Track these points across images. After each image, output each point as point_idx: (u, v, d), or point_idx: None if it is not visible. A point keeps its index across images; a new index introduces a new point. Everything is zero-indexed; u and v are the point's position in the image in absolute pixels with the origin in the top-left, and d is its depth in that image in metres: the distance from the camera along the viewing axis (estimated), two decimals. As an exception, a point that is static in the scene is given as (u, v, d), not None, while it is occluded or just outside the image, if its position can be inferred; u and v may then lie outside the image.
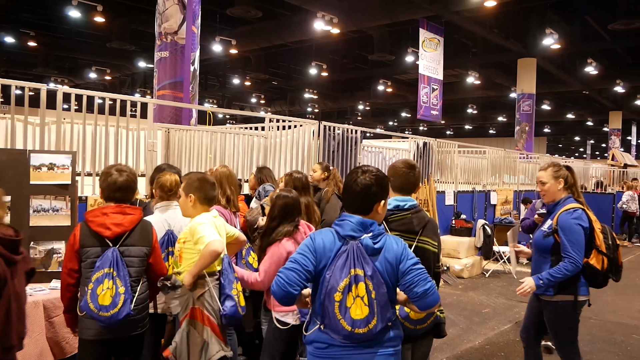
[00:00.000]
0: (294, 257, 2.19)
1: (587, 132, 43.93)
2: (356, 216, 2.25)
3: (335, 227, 2.27)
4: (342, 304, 2.11)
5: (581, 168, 15.59)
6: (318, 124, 6.21)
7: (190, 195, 3.11)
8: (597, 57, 20.68)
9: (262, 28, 18.14)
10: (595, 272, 3.31)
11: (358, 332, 2.10)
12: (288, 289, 2.11)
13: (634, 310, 6.83)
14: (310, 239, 2.25)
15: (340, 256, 2.16)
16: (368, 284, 2.12)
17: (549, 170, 3.51)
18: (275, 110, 33.08)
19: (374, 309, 2.12)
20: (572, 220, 3.29)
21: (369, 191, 2.27)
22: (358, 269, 2.13)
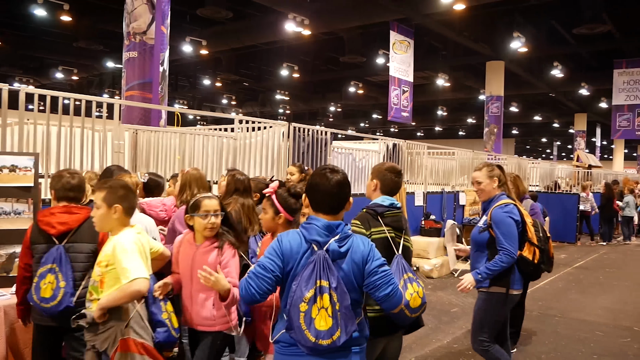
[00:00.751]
0: (263, 263, 2.18)
1: (553, 133, 44.95)
2: (322, 219, 2.25)
3: (301, 230, 2.26)
4: (307, 315, 2.11)
5: (547, 169, 15.93)
6: (288, 125, 6.19)
7: (116, 205, 2.80)
8: (562, 61, 21.19)
9: (233, 29, 18.04)
10: (528, 263, 3.48)
11: (322, 343, 2.10)
12: (256, 297, 2.16)
13: (597, 307, 7.00)
14: (277, 242, 2.23)
15: (307, 267, 2.15)
16: (332, 295, 2.12)
17: (483, 170, 3.67)
18: (247, 112, 32.91)
19: (338, 321, 2.12)
20: (503, 214, 3.46)
21: (343, 190, 2.31)
22: (323, 280, 2.12)
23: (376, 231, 2.80)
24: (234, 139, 5.89)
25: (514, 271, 3.48)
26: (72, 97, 5.07)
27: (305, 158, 6.46)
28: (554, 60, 20.47)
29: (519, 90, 24.86)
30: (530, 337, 5.63)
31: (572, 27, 16.07)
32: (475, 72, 23.40)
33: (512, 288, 3.50)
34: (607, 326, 6.13)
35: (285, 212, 3.06)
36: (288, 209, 3.07)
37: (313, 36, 17.86)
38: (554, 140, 48.29)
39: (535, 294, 7.70)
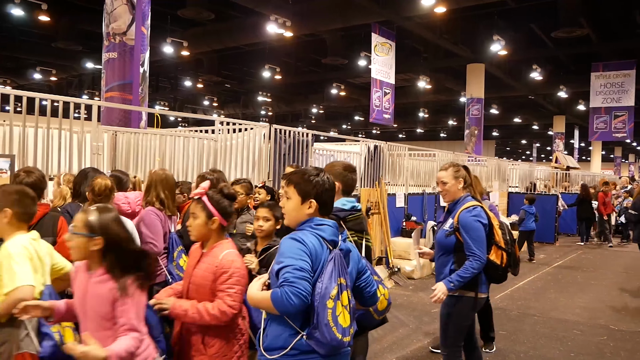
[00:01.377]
0: (299, 265, 2.03)
1: (533, 135, 45.52)
2: (329, 219, 2.25)
3: (315, 232, 2.17)
4: (334, 312, 2.05)
5: (527, 170, 16.14)
6: (269, 127, 6.19)
7: (6, 209, 2.60)
8: (541, 64, 21.50)
9: (214, 30, 17.96)
10: (495, 267, 3.38)
11: (345, 340, 2.07)
12: (308, 300, 2.02)
13: (574, 307, 7.11)
14: (300, 243, 2.11)
15: (328, 263, 2.11)
16: (349, 293, 2.14)
17: (449, 170, 3.56)
18: (229, 113, 32.78)
19: (352, 319, 2.14)
20: (471, 217, 3.35)
21: (333, 193, 2.33)
22: (342, 277, 2.11)
23: None
24: (214, 140, 5.87)
25: (481, 275, 3.41)
26: (49, 98, 5.00)
27: (287, 160, 6.45)
28: (533, 63, 20.76)
29: (499, 92, 25.15)
30: (510, 336, 5.70)
31: (550, 31, 16.30)
32: (456, 75, 23.61)
33: (480, 292, 3.43)
34: (585, 325, 6.22)
35: (219, 215, 2.70)
36: (223, 212, 2.73)
37: (295, 38, 17.87)
38: (533, 142, 48.91)
39: (515, 293, 7.80)
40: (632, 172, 44.93)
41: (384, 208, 8.24)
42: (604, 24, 18.49)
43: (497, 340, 5.52)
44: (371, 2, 13.73)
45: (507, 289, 8.02)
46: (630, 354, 5.23)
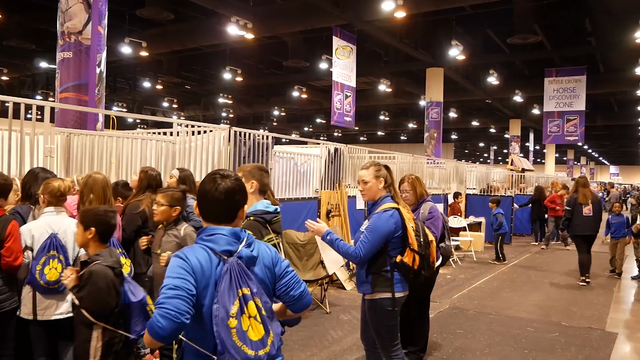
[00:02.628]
0: (173, 283, 1.85)
1: (490, 138, 46.65)
2: (225, 227, 2.04)
3: (205, 244, 1.99)
4: (239, 330, 1.90)
5: (484, 172, 16.53)
6: (229, 129, 6.15)
7: None
8: (498, 69, 22.08)
9: (174, 30, 17.71)
10: (408, 269, 3.36)
11: (260, 354, 1.92)
12: (181, 320, 1.79)
13: (528, 305, 7.32)
14: (182, 259, 1.92)
15: (222, 278, 1.93)
16: (257, 301, 1.96)
17: (370, 169, 3.52)
18: (189, 115, 32.37)
19: (268, 327, 1.98)
20: (381, 219, 3.34)
21: (233, 197, 2.06)
22: (244, 287, 1.94)
23: (268, 239, 2.67)
24: (172, 143, 5.79)
25: (394, 275, 3.39)
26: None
27: (247, 162, 6.42)
28: (490, 68, 21.31)
29: (458, 96, 25.67)
30: (467, 334, 5.82)
31: (506, 37, 16.76)
32: (415, 78, 23.98)
33: (396, 291, 3.39)
34: (538, 322, 6.42)
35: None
36: None
37: (256, 40, 17.81)
38: (490, 144, 50.12)
39: (472, 293, 7.98)
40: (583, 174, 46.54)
41: (344, 210, 8.29)
42: (557, 31, 19.14)
43: (454, 338, 5.65)
44: (332, 6, 13.81)
45: (465, 289, 8.20)
46: (580, 348, 5.43)
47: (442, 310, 6.85)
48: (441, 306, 7.06)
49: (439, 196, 12.25)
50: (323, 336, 5.61)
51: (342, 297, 7.35)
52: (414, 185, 4.57)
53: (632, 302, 7.83)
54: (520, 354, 5.23)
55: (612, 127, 38.46)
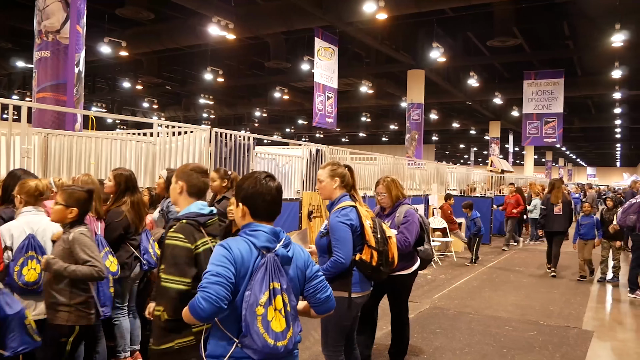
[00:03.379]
0: (215, 270, 2.04)
1: (470, 140, 47.13)
2: (267, 225, 2.24)
3: (248, 238, 2.19)
4: (264, 318, 2.07)
5: (464, 174, 16.69)
6: (209, 130, 6.12)
7: None
8: (478, 71, 22.33)
9: (154, 30, 17.58)
10: (366, 266, 3.37)
11: (279, 345, 2.08)
12: (220, 305, 2.00)
13: (507, 304, 7.42)
14: (225, 249, 2.12)
15: (259, 269, 2.11)
16: (284, 297, 2.13)
17: (327, 168, 3.54)
18: (170, 116, 32.14)
19: (289, 322, 2.14)
20: (337, 219, 3.34)
21: (281, 196, 2.31)
22: (275, 282, 2.12)
23: (201, 243, 2.63)
24: (152, 144, 5.74)
25: (354, 274, 3.39)
26: (-26, 99, 4.75)
27: (228, 163, 6.39)
28: (470, 70, 21.54)
29: (438, 98, 25.91)
30: (447, 334, 5.88)
31: (486, 40, 16.98)
32: (397, 80, 24.13)
33: (354, 291, 3.40)
34: (516, 321, 6.51)
35: None
36: None
37: (238, 40, 17.76)
38: (471, 146, 50.66)
39: (452, 293, 8.05)
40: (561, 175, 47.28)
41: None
42: (535, 35, 19.43)
43: (434, 338, 5.70)
44: (314, 7, 13.84)
45: (445, 289, 8.27)
46: (557, 347, 5.52)
47: (423, 311, 6.90)
48: (422, 306, 7.12)
49: (420, 197, 12.34)
50: (305, 337, 5.61)
51: (324, 298, 7.36)
52: (389, 187, 4.50)
53: (608, 301, 7.98)
54: (499, 353, 5.30)
55: (589, 129, 39.16)
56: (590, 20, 17.69)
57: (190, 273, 2.52)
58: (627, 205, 8.11)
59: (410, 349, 5.28)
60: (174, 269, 2.51)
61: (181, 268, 2.51)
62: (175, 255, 2.53)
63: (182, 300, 2.43)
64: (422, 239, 4.52)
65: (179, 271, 2.50)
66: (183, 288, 2.49)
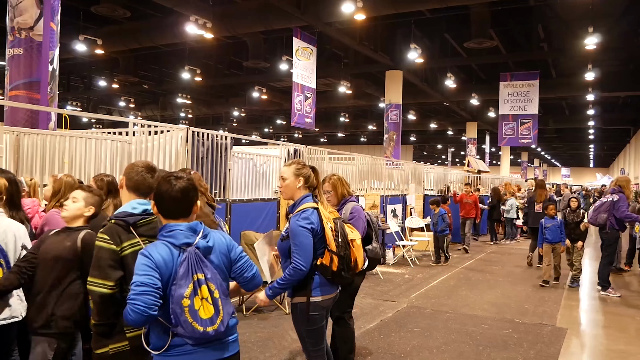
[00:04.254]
0: (140, 280, 2.16)
1: (447, 140, 47.59)
2: (182, 223, 2.35)
3: (166, 239, 2.29)
4: (191, 308, 2.22)
5: (441, 174, 16.84)
6: (186, 129, 6.06)
7: None
8: (455, 72, 22.57)
9: (131, 28, 17.37)
10: (327, 271, 3.30)
11: (208, 330, 2.25)
12: (149, 313, 2.14)
13: (484, 302, 7.50)
14: (146, 257, 2.22)
15: (181, 265, 2.24)
16: (210, 286, 2.28)
17: (291, 167, 3.44)
18: (146, 115, 31.79)
19: (219, 308, 2.30)
20: (298, 222, 3.24)
21: (188, 195, 2.38)
22: (199, 273, 2.26)
23: (129, 245, 2.54)
24: (128, 143, 5.66)
25: (314, 278, 3.31)
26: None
27: (205, 163, 6.35)
28: (447, 71, 21.76)
29: (416, 98, 26.10)
30: (424, 333, 5.92)
31: (463, 41, 17.17)
32: (375, 81, 24.25)
33: (312, 295, 3.31)
34: (492, 319, 6.58)
35: None
36: None
37: (216, 39, 17.65)
38: (448, 146, 51.14)
39: (430, 292, 8.11)
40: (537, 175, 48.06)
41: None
42: (511, 37, 19.72)
43: (411, 337, 5.73)
44: (292, 7, 13.83)
45: (422, 288, 8.33)
46: (532, 344, 5.60)
47: (400, 310, 6.94)
48: (399, 305, 7.16)
49: (398, 197, 12.42)
50: (282, 337, 5.60)
51: (302, 298, 7.36)
52: (335, 185, 4.39)
53: (581, 299, 8.12)
54: (475, 351, 5.36)
55: (564, 130, 39.89)
56: (564, 24, 18.03)
57: (114, 276, 2.47)
58: (599, 204, 8.31)
59: (387, 348, 5.31)
60: (97, 271, 2.47)
61: (104, 271, 2.46)
62: (99, 257, 2.48)
63: (106, 303, 2.48)
64: (369, 238, 4.40)
65: (101, 274, 2.46)
66: (106, 291, 2.45)
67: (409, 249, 10.98)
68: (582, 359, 5.53)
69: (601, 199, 8.46)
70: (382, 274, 9.27)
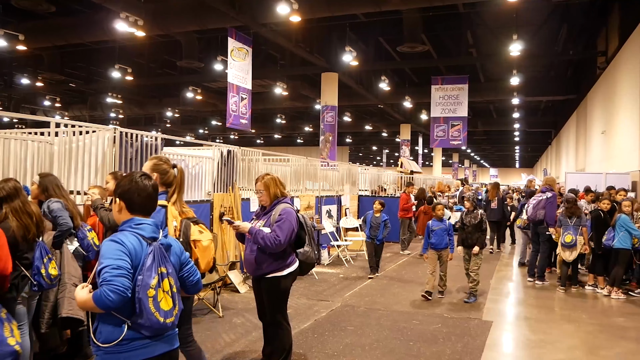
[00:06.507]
0: (116, 264, 2.23)
1: (382, 142, 48.55)
2: (148, 219, 2.50)
3: (135, 231, 2.41)
4: (155, 299, 2.33)
5: (375, 174, 17.18)
6: (114, 130, 5.87)
7: None
8: (389, 75, 23.07)
9: (57, 24, 16.61)
10: None
11: (168, 322, 2.38)
12: (127, 294, 2.22)
13: (415, 299, 7.71)
14: (118, 244, 2.31)
15: (147, 258, 2.36)
16: (170, 280, 2.43)
17: (151, 162, 3.52)
18: (74, 115, 30.50)
19: (176, 301, 2.46)
20: None
21: (156, 194, 2.59)
22: (162, 267, 2.40)
23: None
24: (50, 143, 5.41)
25: None
26: None
27: (134, 165, 6.17)
28: (382, 74, 22.21)
29: (352, 101, 26.47)
30: (357, 330, 6.02)
31: (396, 45, 17.58)
32: (311, 82, 24.40)
33: None
34: (423, 315, 6.79)
35: None
36: None
37: (148, 38, 17.19)
38: (383, 148, 52.15)
39: (363, 291, 8.25)
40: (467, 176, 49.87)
41: (238, 212, 8.24)
42: (442, 42, 20.40)
43: (345, 335, 5.82)
44: (227, 7, 13.68)
45: (356, 287, 8.46)
46: (459, 337, 5.82)
47: (334, 309, 7.02)
48: (333, 305, 7.24)
49: (333, 197, 12.55)
50: (215, 340, 5.53)
51: (236, 300, 7.29)
52: (267, 185, 4.34)
53: (507, 293, 8.52)
54: (406, 346, 5.50)
55: (491, 133, 41.69)
56: (490, 31, 18.86)
57: None
58: (536, 202, 9.04)
59: (320, 348, 5.36)
60: None
61: None
62: None
63: None
64: (302, 240, 4.38)
65: None
66: None
67: (343, 249, 11.13)
68: (505, 349, 5.80)
69: (536, 197, 9.13)
70: (317, 274, 9.34)
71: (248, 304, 6.99)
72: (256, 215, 4.48)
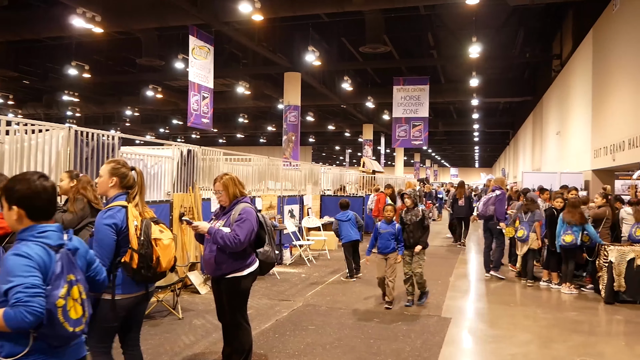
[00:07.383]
0: (29, 282, 2.10)
1: (345, 142, 48.80)
2: (52, 224, 2.33)
3: (40, 240, 2.25)
4: (64, 309, 2.20)
5: (337, 174, 17.26)
6: (68, 128, 5.71)
7: None
8: (352, 76, 23.21)
9: (9, 19, 16.04)
10: (127, 268, 3.34)
11: (77, 330, 2.27)
12: (43, 315, 2.12)
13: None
14: (26, 258, 2.16)
15: (55, 266, 2.23)
16: (79, 287, 2.32)
17: (109, 165, 3.52)
18: (28, 113, 29.54)
19: (85, 308, 2.34)
20: (102, 220, 3.31)
21: (55, 195, 2.41)
22: (71, 274, 2.28)
23: None
24: (1, 142, 5.22)
25: (117, 275, 3.33)
26: None
27: (90, 164, 6.01)
28: (344, 74, 22.34)
29: (315, 100, 26.53)
30: (318, 330, 6.03)
31: (358, 46, 17.70)
32: (274, 82, 24.31)
33: (117, 293, 3.32)
34: (384, 313, 6.86)
35: None
36: None
37: (106, 34, 16.82)
38: (346, 148, 52.47)
39: (325, 290, 8.28)
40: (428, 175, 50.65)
41: (198, 213, 8.14)
42: (403, 43, 20.65)
43: (306, 334, 5.82)
44: (188, 4, 13.50)
45: (318, 286, 8.48)
46: (419, 334, 5.91)
47: (296, 308, 7.02)
48: (295, 304, 7.24)
49: (295, 197, 12.55)
50: (175, 342, 5.45)
51: (197, 302, 7.21)
52: (226, 185, 4.32)
53: (465, 290, 8.69)
54: (367, 344, 5.55)
55: (452, 133, 42.48)
56: (451, 33, 19.21)
57: None
58: (486, 199, 9.73)
59: (281, 347, 5.35)
60: None
61: None
62: None
63: None
64: (262, 240, 4.38)
65: None
66: None
67: (305, 248, 11.13)
68: (463, 344, 5.92)
69: (489, 194, 9.81)
70: (279, 274, 9.32)
71: (208, 305, 6.91)
72: (215, 215, 4.44)
